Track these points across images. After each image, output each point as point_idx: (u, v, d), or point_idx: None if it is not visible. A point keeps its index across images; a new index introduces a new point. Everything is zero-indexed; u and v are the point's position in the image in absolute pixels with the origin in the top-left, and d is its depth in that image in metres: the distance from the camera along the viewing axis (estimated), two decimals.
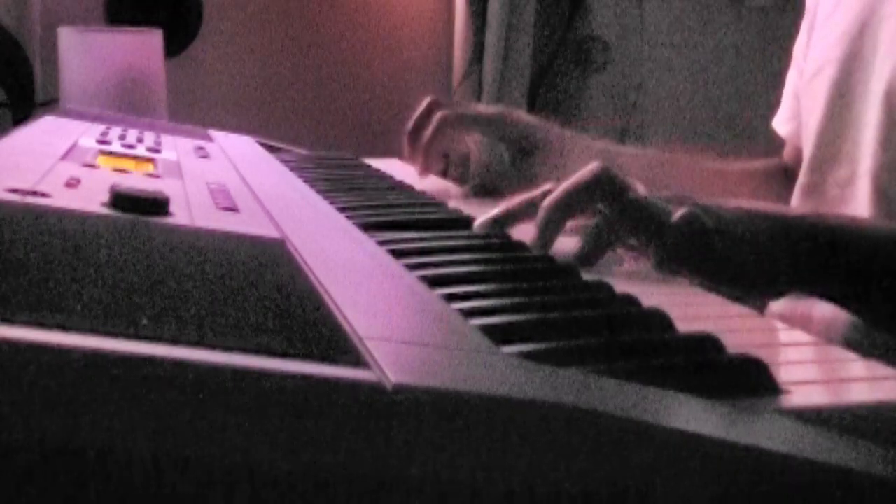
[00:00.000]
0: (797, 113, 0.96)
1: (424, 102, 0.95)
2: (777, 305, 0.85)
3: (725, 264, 0.60)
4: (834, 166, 0.85)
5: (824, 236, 0.64)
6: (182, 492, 0.28)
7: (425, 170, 0.94)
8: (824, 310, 0.80)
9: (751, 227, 0.61)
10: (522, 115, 0.95)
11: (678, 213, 0.60)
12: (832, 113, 0.85)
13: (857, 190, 0.82)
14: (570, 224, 0.65)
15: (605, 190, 0.62)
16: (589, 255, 0.62)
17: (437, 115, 0.91)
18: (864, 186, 0.81)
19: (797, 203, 0.89)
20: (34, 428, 0.27)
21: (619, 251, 0.65)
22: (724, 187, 0.97)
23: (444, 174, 1.03)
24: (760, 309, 0.67)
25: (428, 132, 0.91)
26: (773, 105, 1.07)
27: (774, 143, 1.05)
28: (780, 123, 1.02)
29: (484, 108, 0.96)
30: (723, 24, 2.18)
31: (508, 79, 2.06)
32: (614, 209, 0.61)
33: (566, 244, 0.65)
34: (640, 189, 0.63)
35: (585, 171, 0.63)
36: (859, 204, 0.82)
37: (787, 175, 0.99)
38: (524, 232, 0.66)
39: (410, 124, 0.95)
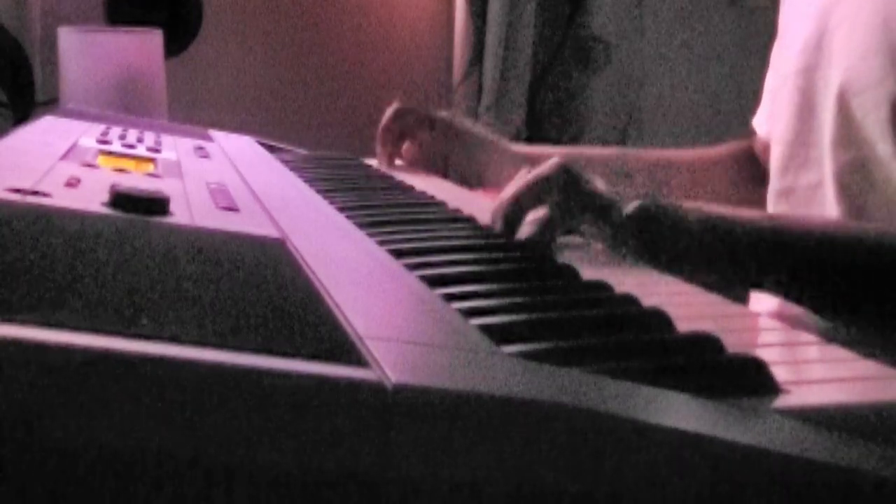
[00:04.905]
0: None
1: (390, 110, 1.08)
2: (765, 303, 0.87)
3: (673, 259, 0.65)
4: (802, 171, 0.89)
5: (776, 240, 0.69)
6: (182, 491, 0.28)
7: (389, 158, 1.07)
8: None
9: (704, 227, 0.66)
10: (465, 122, 1.09)
11: (630, 204, 0.66)
12: (798, 121, 0.89)
13: (825, 192, 0.85)
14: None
15: (561, 182, 0.67)
16: (539, 239, 0.66)
17: (392, 108, 1.06)
18: (830, 188, 0.84)
19: (770, 206, 0.93)
20: (35, 427, 0.27)
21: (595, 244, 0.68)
22: (683, 177, 1.02)
23: (444, 175, 1.04)
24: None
25: (384, 122, 1.06)
26: None
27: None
28: (759, 124, 1.05)
29: (435, 111, 1.09)
30: (723, 24, 2.18)
31: (508, 79, 2.06)
32: (569, 198, 0.67)
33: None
34: (598, 182, 0.69)
35: (546, 164, 0.69)
36: (827, 205, 0.86)
37: (754, 160, 1.04)
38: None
39: (379, 133, 1.08)
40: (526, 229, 0.67)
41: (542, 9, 2.10)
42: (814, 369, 0.48)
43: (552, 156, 1.03)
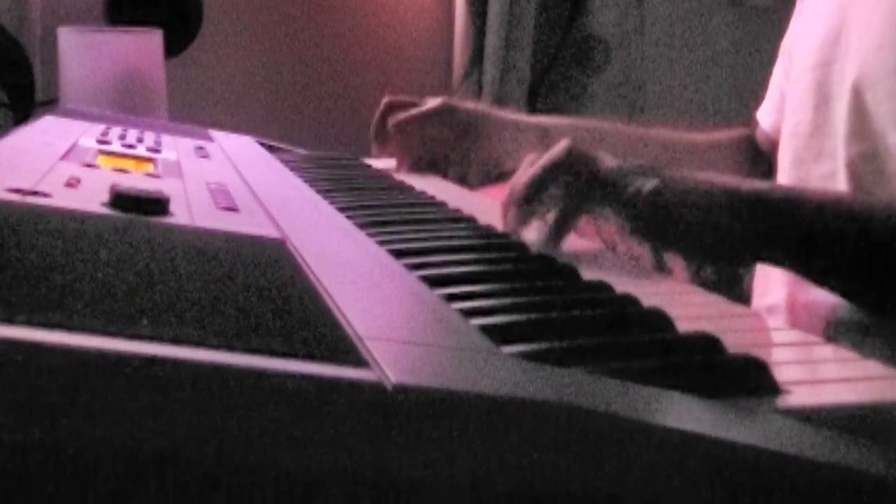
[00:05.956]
0: (779, 107, 1.00)
1: (381, 105, 1.06)
2: (764, 298, 0.88)
3: (687, 234, 0.64)
4: (816, 163, 0.90)
5: (784, 210, 0.68)
6: (182, 491, 0.28)
7: (400, 166, 1.05)
8: (807, 297, 0.83)
9: (713, 199, 0.66)
10: (464, 104, 1.06)
11: (644, 188, 0.65)
12: (814, 114, 0.90)
13: (837, 183, 0.85)
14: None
15: (573, 165, 0.67)
16: (558, 227, 0.66)
17: (390, 125, 1.03)
18: (843, 179, 0.84)
19: None
20: (34, 428, 0.27)
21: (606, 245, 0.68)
22: (687, 157, 1.02)
23: (444, 175, 1.04)
24: (734, 274, 0.72)
25: (392, 146, 1.04)
26: None
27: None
28: (763, 115, 1.06)
29: (430, 102, 1.05)
30: (723, 24, 2.18)
31: (508, 79, 2.06)
32: (581, 182, 0.66)
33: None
34: (609, 161, 0.68)
35: (555, 148, 0.68)
36: None
37: (754, 147, 1.05)
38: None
39: (371, 131, 1.07)
40: (536, 230, 0.67)
41: (542, 9, 2.10)
42: (814, 369, 0.48)
43: (561, 127, 1.03)
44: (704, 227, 0.65)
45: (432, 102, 1.05)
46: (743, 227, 0.66)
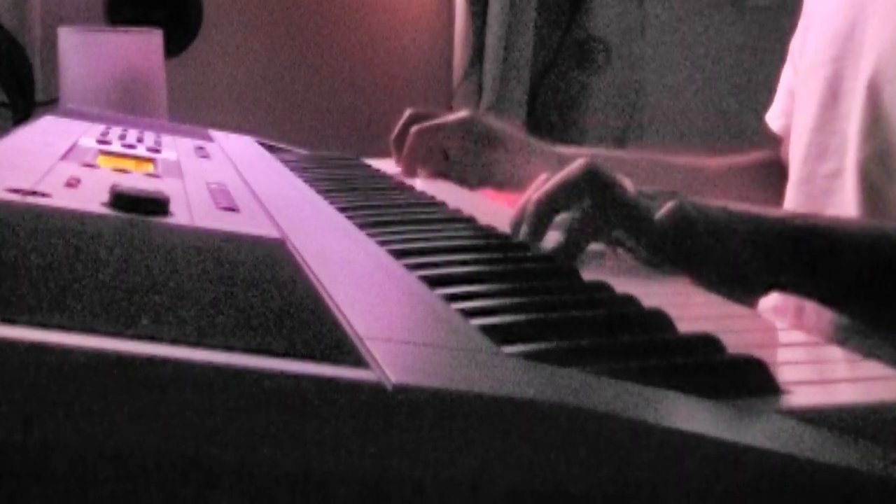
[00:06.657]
0: (790, 109, 0.99)
1: (405, 115, 1.05)
2: (769, 298, 0.87)
3: (708, 261, 0.63)
4: (823, 160, 0.88)
5: (804, 238, 0.67)
6: (182, 492, 0.28)
7: (409, 175, 1.03)
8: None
9: (733, 227, 0.64)
10: (488, 118, 1.05)
11: (664, 208, 0.62)
12: (823, 110, 0.89)
13: (844, 181, 0.85)
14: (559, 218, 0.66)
15: (591, 185, 0.64)
16: (570, 248, 0.63)
17: (412, 131, 1.01)
18: (850, 178, 0.84)
19: (790, 196, 0.92)
20: (34, 428, 0.27)
21: (606, 248, 0.66)
22: (712, 185, 1.01)
23: (444, 175, 1.03)
24: (750, 302, 0.70)
25: (405, 148, 1.02)
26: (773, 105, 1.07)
27: (769, 140, 1.06)
28: (773, 119, 1.04)
29: (453, 115, 1.05)
30: (723, 24, 2.18)
31: (508, 79, 2.06)
32: (599, 203, 0.64)
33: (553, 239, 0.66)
34: (627, 184, 0.66)
35: (573, 166, 0.65)
36: (846, 195, 0.85)
37: (780, 168, 1.03)
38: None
39: (392, 137, 1.06)
40: (553, 238, 0.65)
41: (542, 9, 2.10)
42: (815, 370, 0.48)
43: (579, 155, 1.02)
44: (725, 255, 0.63)
45: (456, 114, 1.04)
46: (764, 256, 0.65)
